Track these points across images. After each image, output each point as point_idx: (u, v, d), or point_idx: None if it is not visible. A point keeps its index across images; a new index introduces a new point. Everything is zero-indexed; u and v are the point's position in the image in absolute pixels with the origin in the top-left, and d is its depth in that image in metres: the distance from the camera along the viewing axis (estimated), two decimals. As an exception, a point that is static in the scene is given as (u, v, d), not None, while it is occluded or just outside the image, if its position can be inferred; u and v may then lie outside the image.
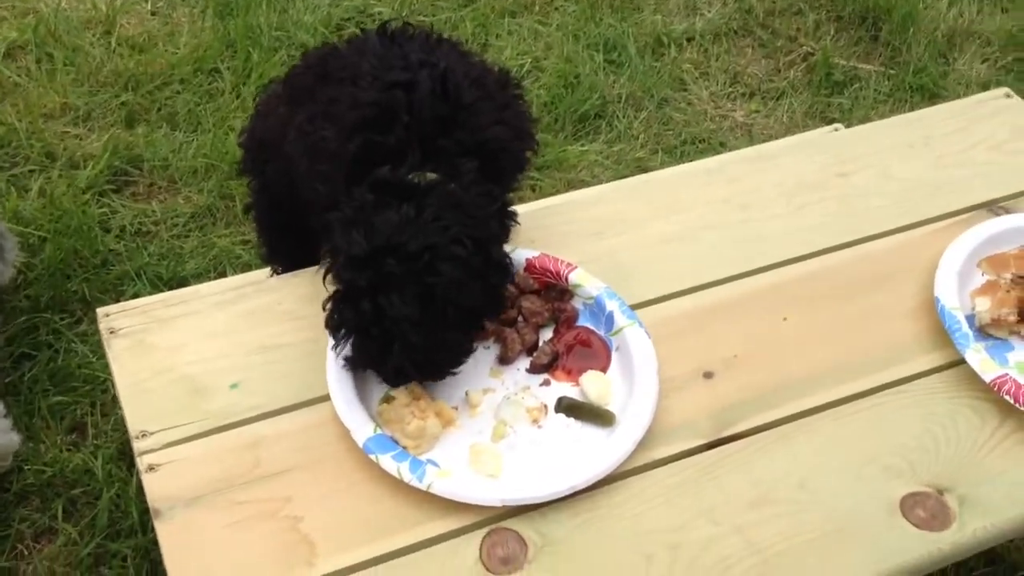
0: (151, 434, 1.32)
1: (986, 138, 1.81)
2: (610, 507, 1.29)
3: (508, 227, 1.58)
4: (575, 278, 1.51)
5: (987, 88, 2.85)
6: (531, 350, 1.45)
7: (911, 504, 1.30)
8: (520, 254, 1.52)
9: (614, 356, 1.46)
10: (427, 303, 1.26)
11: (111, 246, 2.48)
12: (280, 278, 1.54)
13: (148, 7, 3.07)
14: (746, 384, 1.44)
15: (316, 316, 1.36)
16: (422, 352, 1.28)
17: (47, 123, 2.74)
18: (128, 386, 1.37)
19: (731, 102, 3.10)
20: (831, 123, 3.02)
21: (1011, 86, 2.04)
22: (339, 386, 1.34)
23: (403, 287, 1.25)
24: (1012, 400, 1.40)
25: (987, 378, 1.42)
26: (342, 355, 1.34)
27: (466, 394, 1.39)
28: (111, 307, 1.57)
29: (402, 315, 1.24)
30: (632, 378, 1.41)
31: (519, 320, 1.48)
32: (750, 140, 2.95)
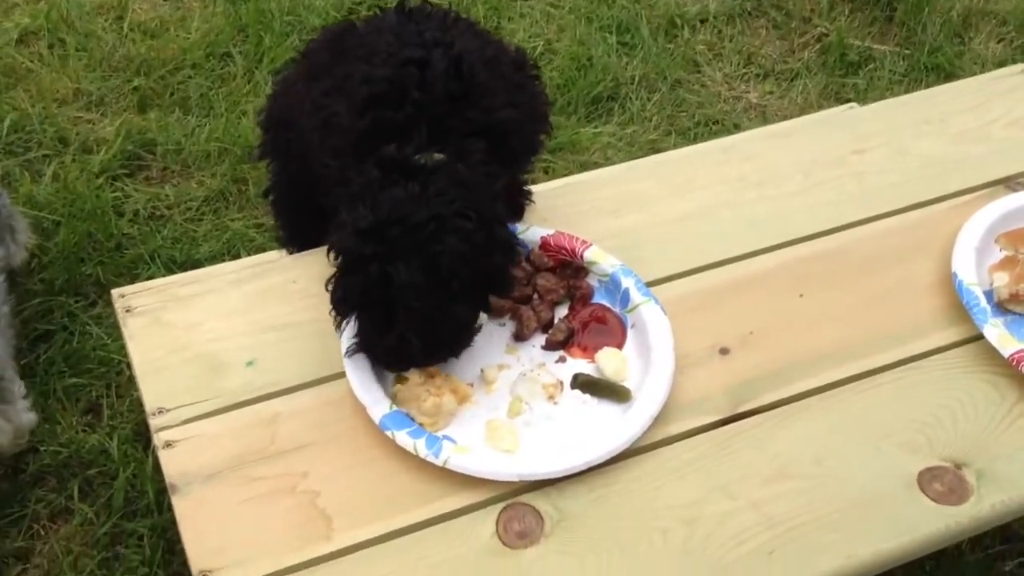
0: (167, 411, 1.32)
1: (1003, 114, 1.80)
2: (626, 482, 1.29)
3: (523, 206, 1.58)
4: (590, 255, 1.50)
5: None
6: (546, 327, 1.45)
7: (928, 478, 1.29)
8: (535, 232, 1.51)
9: (630, 333, 1.45)
10: (432, 272, 1.25)
11: (125, 230, 2.49)
12: (294, 257, 1.54)
13: (160, -8, 3.07)
14: (762, 360, 1.43)
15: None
16: (426, 323, 1.28)
17: (60, 108, 2.74)
18: (144, 364, 1.37)
19: (745, 83, 3.08)
20: (846, 103, 3.01)
21: (1027, 64, 2.02)
22: (354, 364, 1.34)
23: (408, 256, 1.25)
24: (1031, 375, 1.39)
25: (1006, 353, 1.41)
26: (348, 338, 1.34)
27: (481, 371, 1.39)
28: (126, 287, 1.57)
29: (407, 281, 1.24)
30: (648, 355, 1.41)
31: (534, 297, 1.47)
32: (764, 121, 2.93)
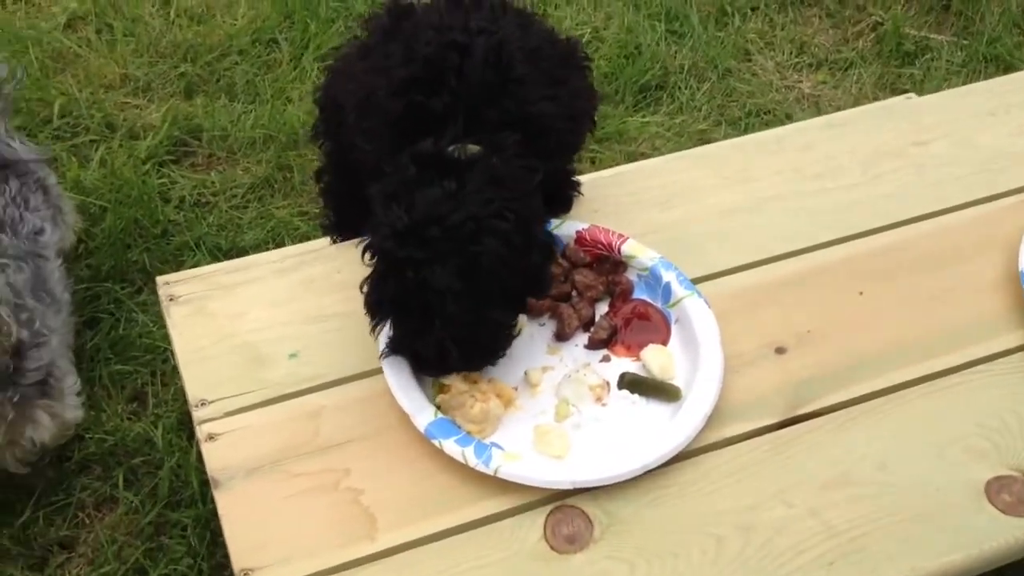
0: (210, 403, 1.30)
1: (1072, 106, 1.73)
2: (679, 486, 1.25)
3: (571, 198, 1.54)
4: (628, 249, 1.46)
5: (1066, 58, 2.75)
6: (588, 325, 1.41)
7: (996, 488, 1.24)
8: (570, 226, 1.47)
9: (674, 328, 1.41)
10: (469, 275, 1.22)
11: (171, 216, 2.48)
12: (338, 246, 1.51)
13: (207, -22, 3.06)
14: (820, 360, 1.38)
15: None
16: (464, 327, 1.25)
17: (107, 93, 2.73)
18: (187, 353, 1.36)
19: (797, 73, 3.00)
20: (902, 94, 2.93)
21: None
22: (393, 368, 1.31)
23: (445, 258, 1.22)
24: (1104, 380, 1.33)
25: (1077, 357, 1.35)
26: (383, 340, 1.31)
27: (525, 374, 1.36)
28: (170, 275, 1.56)
29: (444, 286, 1.21)
30: (695, 351, 1.36)
31: (573, 295, 1.43)
32: (817, 112, 2.86)
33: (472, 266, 1.22)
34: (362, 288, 1.28)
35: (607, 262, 1.46)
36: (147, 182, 2.52)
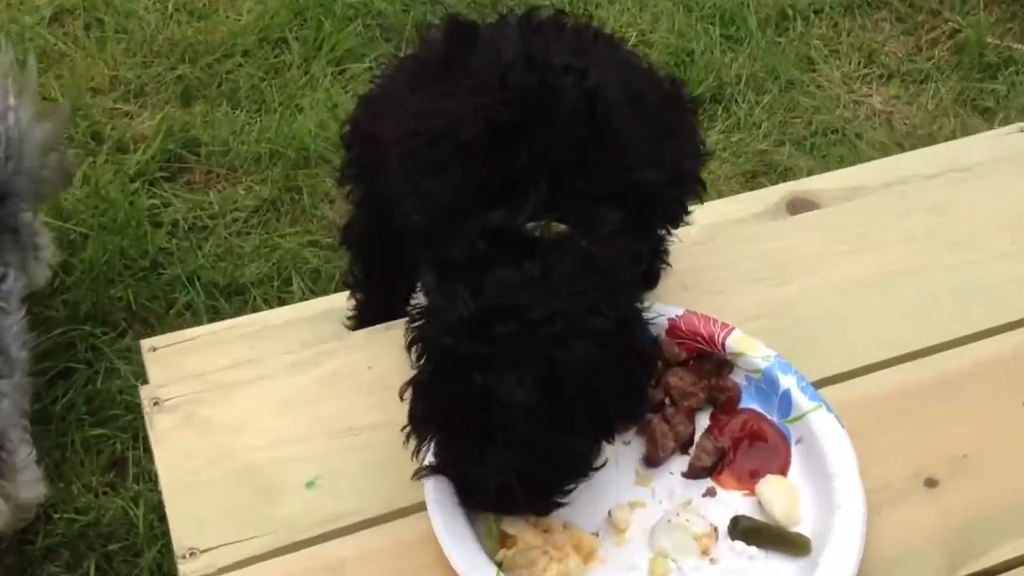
0: (201, 553, 1.00)
1: None
2: None
3: (658, 271, 1.23)
4: (735, 344, 1.15)
5: None
6: (686, 445, 1.10)
7: None
8: (660, 311, 1.15)
9: (794, 451, 1.10)
10: (550, 388, 0.93)
11: (161, 244, 2.18)
12: (370, 333, 1.19)
13: (208, -33, 2.74)
14: (985, 497, 1.08)
15: None
16: (534, 456, 0.95)
17: (95, 98, 2.43)
18: (174, 481, 1.05)
19: (867, 85, 2.69)
20: (984, 112, 2.62)
21: None
22: (442, 508, 1.00)
23: (520, 363, 0.91)
24: None
25: None
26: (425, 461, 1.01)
27: (609, 514, 1.05)
28: (158, 338, 1.35)
29: (516, 399, 0.91)
30: (826, 485, 1.06)
31: (666, 404, 1.12)
32: (890, 130, 2.56)
33: (555, 376, 0.93)
34: (403, 394, 0.98)
35: (708, 360, 1.15)
36: (136, 203, 2.22)
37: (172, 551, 1.58)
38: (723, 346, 1.15)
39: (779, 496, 1.06)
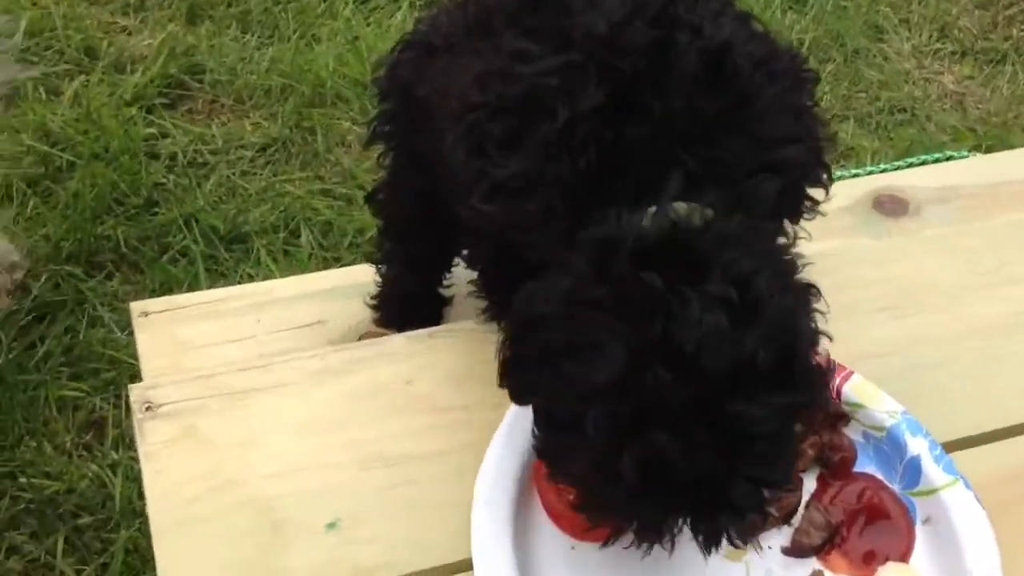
0: (193, 606, 0.81)
1: None
2: None
3: None
4: (854, 393, 0.96)
5: None
6: (789, 515, 0.91)
7: None
8: None
9: (919, 532, 0.92)
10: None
11: (157, 179, 1.96)
12: (410, 340, 0.99)
13: None
14: None
15: (467, 407, 0.90)
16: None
17: (90, 9, 2.20)
18: (164, 513, 0.86)
19: (938, 62, 2.48)
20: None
21: None
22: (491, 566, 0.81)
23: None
24: None
25: None
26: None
27: (691, 596, 0.86)
28: (150, 301, 1.16)
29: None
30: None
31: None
32: (963, 115, 2.35)
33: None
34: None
35: (819, 409, 0.96)
36: (131, 132, 2.00)
37: (150, 531, 1.43)
38: (839, 394, 0.96)
39: (898, 585, 0.88)
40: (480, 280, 0.99)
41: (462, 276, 1.12)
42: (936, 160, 1.68)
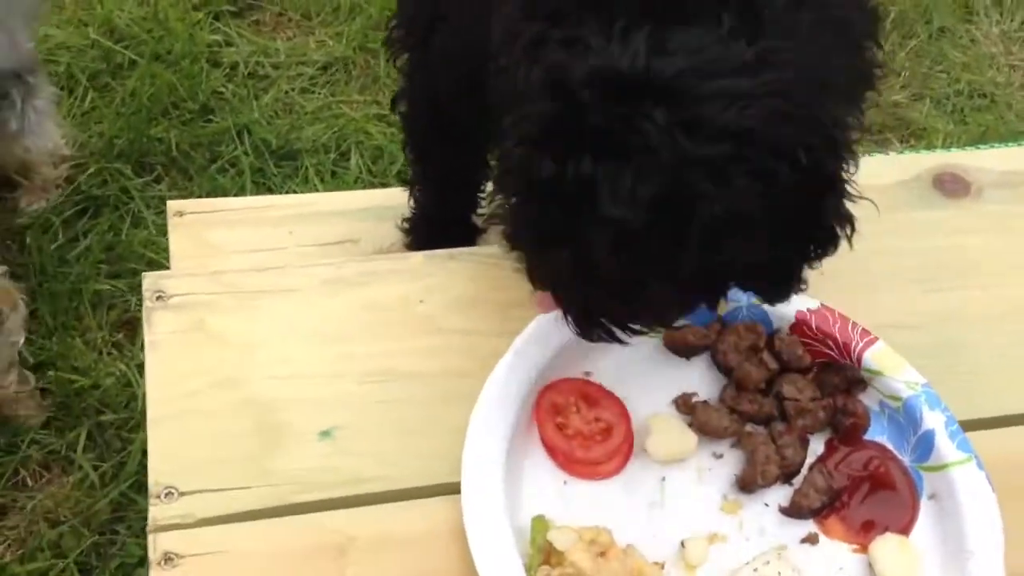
0: (180, 496, 0.81)
1: None
2: None
3: (837, 236, 0.95)
4: (875, 359, 0.92)
5: None
6: (791, 475, 0.88)
7: None
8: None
9: (923, 507, 0.88)
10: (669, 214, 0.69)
11: (216, 87, 1.96)
12: (429, 258, 0.97)
13: None
14: None
15: (474, 331, 0.89)
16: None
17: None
18: (162, 402, 0.86)
19: (1027, 50, 2.38)
20: None
21: None
22: (478, 498, 0.80)
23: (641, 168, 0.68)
24: None
25: None
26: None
27: (682, 544, 0.84)
28: (186, 202, 1.23)
29: (611, 214, 0.68)
30: (958, 563, 0.84)
31: (776, 419, 0.90)
32: (1046, 108, 2.26)
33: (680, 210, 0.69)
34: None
35: (836, 373, 0.92)
36: (196, 36, 1.99)
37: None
38: (859, 358, 0.92)
39: (897, 563, 0.85)
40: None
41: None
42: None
